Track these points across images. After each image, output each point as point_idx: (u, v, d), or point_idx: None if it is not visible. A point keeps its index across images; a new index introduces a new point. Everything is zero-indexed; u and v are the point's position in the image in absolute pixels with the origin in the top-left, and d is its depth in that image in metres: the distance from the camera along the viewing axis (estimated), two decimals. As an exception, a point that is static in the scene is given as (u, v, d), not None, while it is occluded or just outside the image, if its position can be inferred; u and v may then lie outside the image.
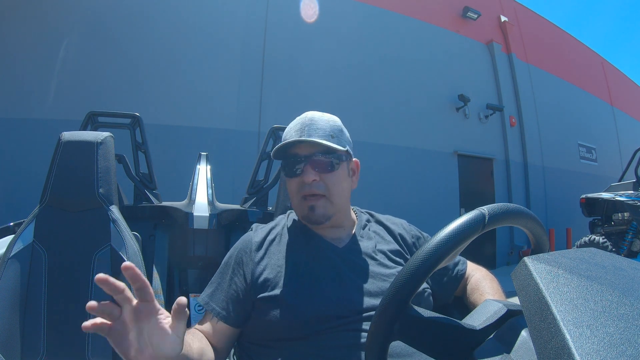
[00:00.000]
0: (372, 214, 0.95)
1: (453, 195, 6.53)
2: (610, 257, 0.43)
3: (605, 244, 4.87)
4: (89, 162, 1.02)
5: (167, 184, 2.42)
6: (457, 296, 0.94)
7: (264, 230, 0.86)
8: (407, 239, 0.89)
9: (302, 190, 0.79)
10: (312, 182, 0.77)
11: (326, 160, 0.78)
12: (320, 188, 0.78)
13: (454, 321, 0.54)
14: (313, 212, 0.78)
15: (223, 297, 0.78)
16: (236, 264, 0.80)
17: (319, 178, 0.78)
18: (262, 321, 0.74)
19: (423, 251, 0.48)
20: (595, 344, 0.30)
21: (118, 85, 4.51)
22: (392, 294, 0.48)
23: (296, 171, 0.79)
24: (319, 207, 0.78)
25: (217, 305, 0.77)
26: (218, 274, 0.83)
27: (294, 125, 0.81)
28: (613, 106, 10.42)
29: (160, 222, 1.55)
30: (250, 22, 5.28)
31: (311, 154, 0.78)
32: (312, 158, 0.78)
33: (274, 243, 0.82)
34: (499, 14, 7.80)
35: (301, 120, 0.82)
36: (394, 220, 0.94)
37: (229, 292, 0.78)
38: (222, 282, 0.80)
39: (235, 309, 0.76)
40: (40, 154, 2.56)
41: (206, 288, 0.82)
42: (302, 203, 0.80)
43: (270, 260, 0.79)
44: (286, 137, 0.81)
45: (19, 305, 0.89)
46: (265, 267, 0.78)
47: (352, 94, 5.64)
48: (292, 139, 0.78)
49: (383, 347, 0.49)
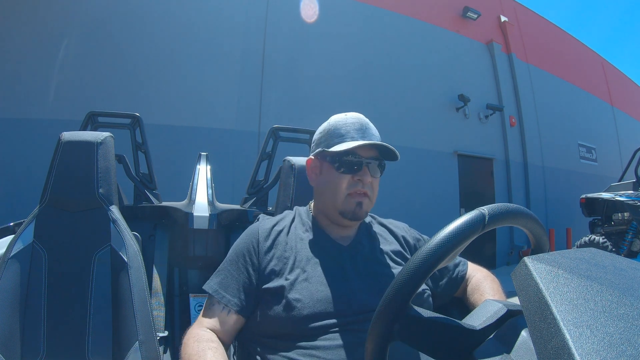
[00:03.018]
0: (374, 217, 0.96)
1: (453, 195, 6.53)
2: (610, 257, 0.43)
3: (605, 244, 4.86)
4: (89, 162, 1.02)
5: (167, 184, 2.43)
6: (457, 297, 0.94)
7: (272, 222, 0.86)
8: (409, 241, 0.91)
9: (353, 187, 0.81)
10: (369, 182, 0.82)
11: (381, 167, 0.85)
12: (370, 189, 0.83)
13: (454, 321, 0.54)
14: (360, 209, 0.82)
15: (235, 286, 0.77)
16: (247, 252, 0.80)
17: (371, 180, 0.83)
18: (265, 314, 0.74)
19: (423, 251, 0.48)
20: (595, 344, 0.30)
21: (118, 85, 4.50)
22: (392, 294, 0.48)
23: (353, 169, 0.81)
24: (365, 204, 0.82)
25: (228, 294, 0.76)
26: (227, 262, 0.82)
27: (352, 124, 0.83)
28: (613, 106, 10.42)
29: (160, 222, 1.55)
30: (250, 22, 5.28)
31: (371, 157, 0.82)
32: (373, 161, 0.82)
33: (282, 234, 0.83)
34: (498, 14, 7.80)
35: (358, 120, 0.84)
36: (395, 223, 0.96)
37: (240, 280, 0.77)
38: (232, 271, 0.79)
39: (247, 298, 0.76)
40: (40, 154, 2.56)
41: (213, 276, 0.81)
42: (349, 199, 0.81)
43: (277, 251, 0.80)
44: (343, 133, 0.82)
45: (19, 305, 0.89)
46: (272, 257, 0.79)
47: (351, 94, 5.63)
48: (363, 138, 0.81)
49: (383, 347, 0.49)
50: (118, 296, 0.92)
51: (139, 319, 0.87)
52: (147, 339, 0.85)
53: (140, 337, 0.85)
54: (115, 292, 0.92)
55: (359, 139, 0.81)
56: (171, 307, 1.46)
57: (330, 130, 0.84)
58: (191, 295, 1.48)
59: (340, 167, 0.82)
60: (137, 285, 0.90)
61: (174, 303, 1.48)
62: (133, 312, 0.87)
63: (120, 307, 0.91)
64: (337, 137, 0.82)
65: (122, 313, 0.89)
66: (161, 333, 1.18)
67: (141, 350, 0.83)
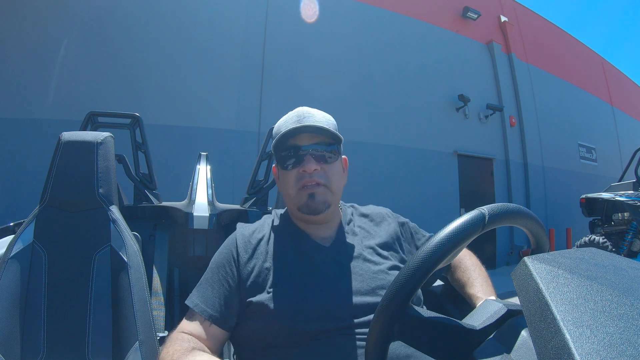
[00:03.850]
0: (354, 207, 0.93)
1: (453, 195, 6.53)
2: (610, 257, 0.43)
3: (605, 244, 4.87)
4: (89, 162, 1.02)
5: (167, 184, 2.42)
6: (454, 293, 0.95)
7: (249, 230, 0.84)
8: (393, 227, 0.88)
9: (301, 180, 0.77)
10: (314, 171, 0.76)
11: (327, 151, 0.78)
12: (322, 177, 0.77)
13: (454, 321, 0.54)
14: (313, 200, 0.76)
15: (215, 299, 0.75)
16: (227, 262, 0.78)
17: (319, 168, 0.77)
18: (254, 327, 0.72)
19: (423, 251, 0.48)
20: (595, 344, 0.30)
21: (118, 85, 4.51)
22: (392, 295, 0.48)
23: (295, 162, 0.77)
24: (319, 194, 0.77)
25: (208, 307, 0.74)
26: (207, 275, 0.80)
27: (290, 118, 0.80)
28: (613, 106, 10.42)
29: (160, 222, 1.55)
30: (250, 22, 5.28)
31: (312, 144, 0.77)
32: (313, 148, 0.77)
33: (262, 243, 0.80)
34: (499, 14, 7.80)
35: (296, 112, 0.81)
36: (377, 209, 0.93)
37: (221, 293, 0.75)
38: (212, 283, 0.77)
39: (228, 311, 0.74)
40: (40, 154, 2.56)
41: (194, 290, 0.79)
42: (300, 193, 0.77)
43: (258, 261, 0.77)
44: (281, 129, 0.79)
45: (19, 305, 0.89)
46: (253, 268, 0.76)
47: (351, 94, 5.64)
48: (297, 125, 0.76)
49: (383, 347, 0.49)
50: (118, 296, 0.92)
51: (139, 319, 0.86)
52: (147, 339, 0.85)
53: (140, 337, 0.85)
54: (115, 292, 0.92)
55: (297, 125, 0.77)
56: (171, 307, 1.46)
57: (275, 130, 0.82)
58: (191, 296, 1.48)
59: (283, 164, 0.79)
60: (137, 285, 0.90)
61: (174, 303, 1.48)
62: (133, 312, 0.87)
63: (120, 307, 0.90)
64: (277, 134, 0.79)
65: (122, 313, 0.89)
66: (161, 333, 1.17)
67: (141, 350, 0.83)
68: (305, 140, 0.77)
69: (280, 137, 0.77)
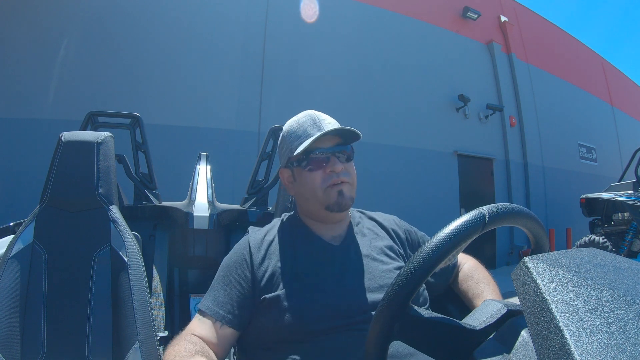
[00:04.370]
0: (362, 212, 0.96)
1: (453, 195, 6.53)
2: (610, 257, 0.43)
3: (605, 244, 4.87)
4: (89, 162, 1.02)
5: (167, 184, 2.43)
6: (450, 287, 0.95)
7: (262, 232, 0.86)
8: (399, 234, 0.91)
9: (329, 180, 0.80)
10: (341, 170, 0.81)
11: (348, 151, 0.84)
12: (347, 176, 0.82)
13: (454, 321, 0.54)
14: (343, 196, 0.80)
15: (228, 301, 0.77)
16: (239, 265, 0.80)
17: (344, 167, 0.81)
18: (265, 323, 0.74)
19: (423, 251, 0.48)
20: (595, 344, 0.30)
21: (118, 85, 4.50)
22: (392, 294, 0.48)
23: (320, 163, 0.81)
24: (347, 190, 0.81)
25: (221, 310, 0.76)
26: (219, 278, 0.81)
27: (305, 122, 0.83)
28: (613, 106, 10.42)
29: (160, 222, 1.55)
30: (250, 22, 5.28)
31: (335, 145, 0.82)
32: (338, 149, 0.82)
33: (273, 244, 0.83)
34: (498, 14, 7.80)
35: (309, 116, 0.84)
36: (385, 216, 0.96)
37: (233, 295, 0.77)
38: (225, 286, 0.79)
39: (241, 312, 0.76)
40: (40, 154, 2.56)
41: (207, 294, 0.80)
42: (328, 191, 0.81)
43: (271, 261, 0.79)
44: (300, 134, 0.82)
45: (19, 305, 0.89)
46: (266, 268, 0.78)
47: (352, 94, 5.64)
48: (328, 127, 0.80)
49: (383, 347, 0.49)
50: (118, 296, 0.92)
51: (139, 319, 0.87)
52: (147, 339, 0.85)
53: (140, 337, 0.85)
54: (115, 292, 0.92)
55: (316, 132, 0.80)
56: (171, 307, 1.47)
57: (288, 136, 0.84)
58: (191, 295, 1.48)
59: (309, 167, 0.82)
60: (137, 285, 0.90)
61: (174, 303, 1.49)
62: (133, 312, 0.87)
63: (120, 307, 0.91)
64: (295, 140, 0.82)
65: (122, 313, 0.89)
66: (161, 333, 1.18)
67: (141, 350, 0.83)
68: (327, 142, 0.82)
69: (312, 141, 0.80)
